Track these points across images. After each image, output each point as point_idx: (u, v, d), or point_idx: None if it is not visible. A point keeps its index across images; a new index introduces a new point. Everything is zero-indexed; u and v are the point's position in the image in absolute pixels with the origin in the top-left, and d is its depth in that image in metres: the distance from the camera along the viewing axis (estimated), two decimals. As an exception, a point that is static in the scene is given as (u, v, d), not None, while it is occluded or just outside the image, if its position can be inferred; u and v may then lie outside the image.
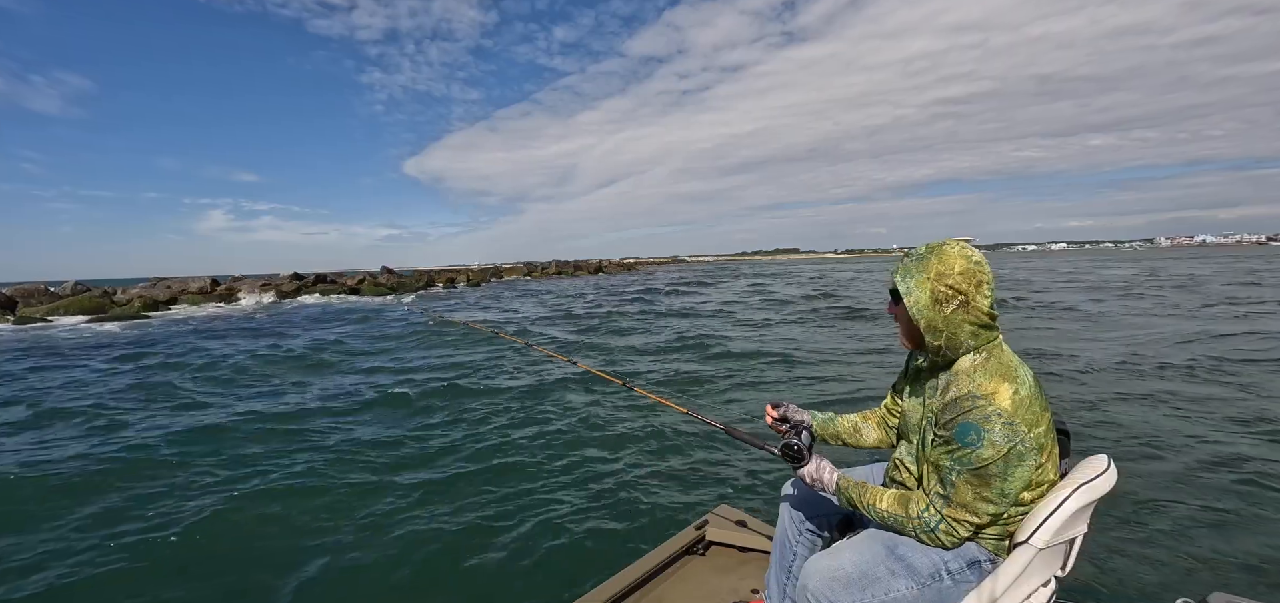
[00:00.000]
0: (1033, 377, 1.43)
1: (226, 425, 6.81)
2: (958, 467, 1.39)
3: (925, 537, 1.47)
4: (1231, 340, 10.48)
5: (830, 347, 11.54)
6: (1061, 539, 1.43)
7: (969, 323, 1.42)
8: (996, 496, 1.38)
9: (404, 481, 4.99)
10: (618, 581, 2.18)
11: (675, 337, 13.28)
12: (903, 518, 1.50)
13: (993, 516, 1.42)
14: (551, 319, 19.23)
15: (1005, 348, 1.47)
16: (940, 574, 1.47)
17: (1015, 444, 1.34)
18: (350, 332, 15.80)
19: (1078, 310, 16.03)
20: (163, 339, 15.28)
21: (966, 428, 1.36)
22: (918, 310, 1.46)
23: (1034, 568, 1.44)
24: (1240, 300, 17.31)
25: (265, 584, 3.47)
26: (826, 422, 1.90)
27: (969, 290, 1.42)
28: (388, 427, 6.69)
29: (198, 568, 3.68)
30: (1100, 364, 8.70)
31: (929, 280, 1.44)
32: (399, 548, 3.86)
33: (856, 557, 1.52)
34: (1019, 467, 1.36)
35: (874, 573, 1.49)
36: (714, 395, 7.99)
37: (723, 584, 2.25)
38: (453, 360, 10.95)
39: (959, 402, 1.40)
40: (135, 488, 4.94)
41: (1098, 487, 1.41)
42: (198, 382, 9.68)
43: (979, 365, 1.43)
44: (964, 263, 1.43)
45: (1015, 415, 1.34)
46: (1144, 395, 6.85)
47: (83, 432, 6.83)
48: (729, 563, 2.39)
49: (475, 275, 53.18)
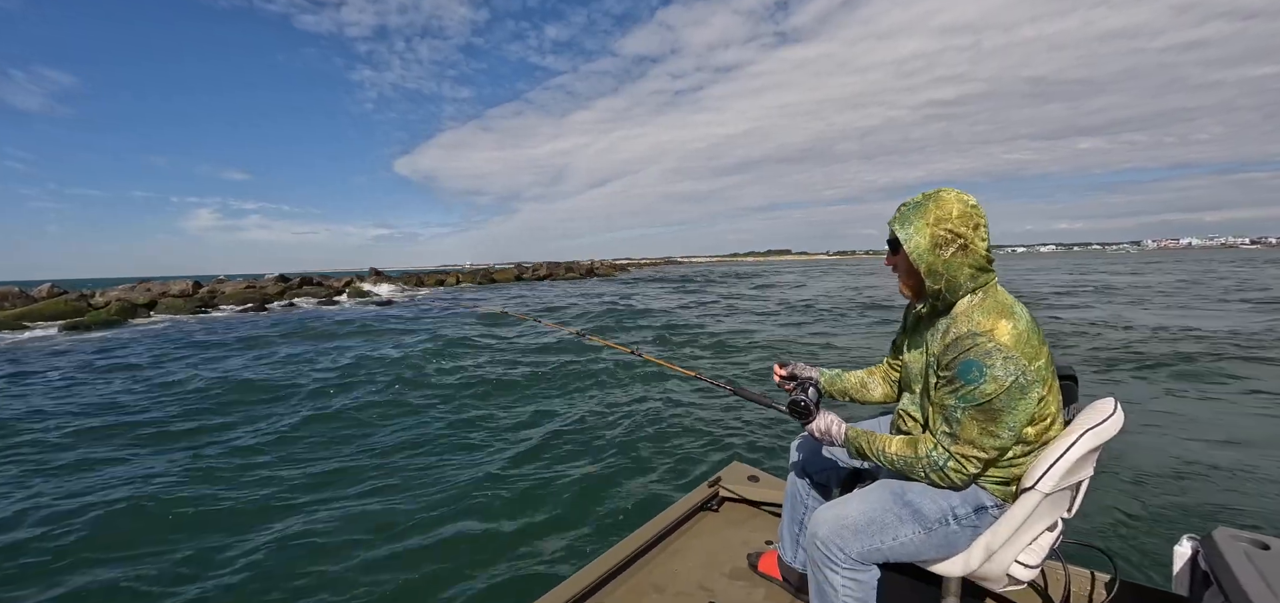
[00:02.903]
0: (1028, 313, 1.47)
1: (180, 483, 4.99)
2: (962, 404, 1.42)
3: (935, 475, 1.50)
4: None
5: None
6: (1068, 484, 1.46)
7: (968, 265, 1.46)
8: (1003, 429, 1.41)
9: (440, 480, 5.04)
10: (636, 538, 2.23)
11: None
12: (912, 459, 1.53)
13: (1000, 449, 1.45)
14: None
15: (1000, 288, 1.51)
16: (948, 519, 1.51)
17: (1017, 377, 1.37)
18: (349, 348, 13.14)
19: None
20: (133, 359, 12.35)
21: (969, 365, 1.40)
22: (918, 255, 1.48)
23: (1041, 512, 1.47)
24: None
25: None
26: (834, 378, 1.93)
27: (967, 233, 1.45)
28: (404, 428, 6.70)
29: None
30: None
31: (928, 226, 1.46)
32: (448, 514, 4.07)
33: (864, 505, 1.56)
34: (1022, 399, 1.39)
35: (882, 520, 1.53)
36: (724, 358, 8.27)
37: (736, 537, 2.31)
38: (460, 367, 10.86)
39: (960, 341, 1.43)
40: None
41: (1105, 430, 1.44)
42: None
43: (976, 306, 1.46)
44: (961, 206, 1.46)
45: (1015, 349, 1.38)
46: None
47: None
48: (742, 517, 2.45)
49: (428, 282, 50.75)
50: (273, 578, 3.38)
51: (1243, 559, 1.65)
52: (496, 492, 4.43)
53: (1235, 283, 25.10)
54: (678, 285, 36.57)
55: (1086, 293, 21.93)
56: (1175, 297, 19.13)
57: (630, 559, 2.15)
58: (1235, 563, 1.64)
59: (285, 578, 3.37)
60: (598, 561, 2.11)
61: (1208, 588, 1.73)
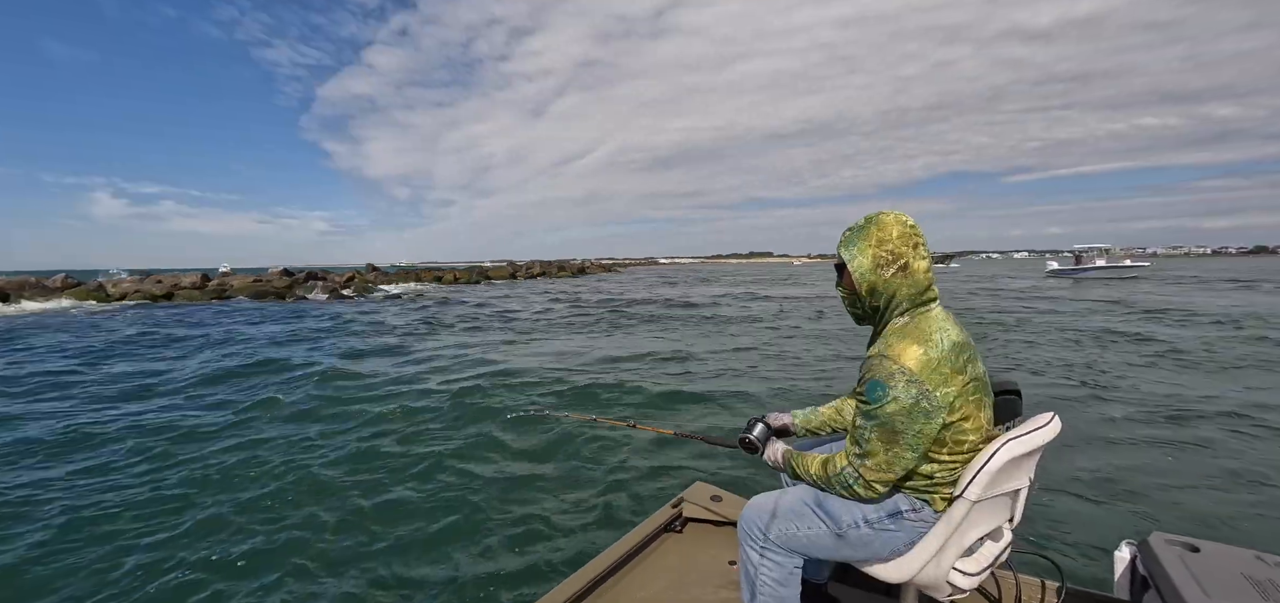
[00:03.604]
0: (954, 342, 1.48)
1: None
2: (867, 423, 1.48)
3: (844, 492, 1.57)
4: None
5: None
6: (998, 492, 1.50)
7: (907, 286, 1.52)
8: (907, 450, 1.46)
9: (365, 498, 4.87)
10: (597, 563, 2.20)
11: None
12: (824, 479, 1.62)
13: (906, 469, 1.50)
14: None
15: (933, 314, 1.53)
16: (858, 524, 1.59)
17: (919, 401, 1.42)
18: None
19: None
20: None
21: (873, 384, 1.46)
22: (861, 275, 1.55)
23: (973, 520, 1.51)
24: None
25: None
26: (809, 415, 1.98)
27: (907, 253, 1.51)
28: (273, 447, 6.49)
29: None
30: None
31: (870, 247, 1.53)
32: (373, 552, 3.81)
33: (788, 499, 1.71)
34: (925, 423, 1.44)
35: (799, 511, 1.67)
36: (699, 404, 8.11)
37: (701, 557, 2.30)
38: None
39: (869, 361, 1.50)
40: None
41: (1029, 440, 1.48)
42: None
43: (898, 329, 1.51)
44: (900, 227, 1.53)
45: (920, 374, 1.42)
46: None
47: None
48: (706, 537, 2.45)
49: (426, 277, 48.69)
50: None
51: (1177, 563, 1.74)
52: (440, 521, 4.23)
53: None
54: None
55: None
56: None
57: (593, 585, 2.11)
58: (1170, 566, 1.73)
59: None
60: (559, 587, 2.07)
61: (1146, 591, 1.81)
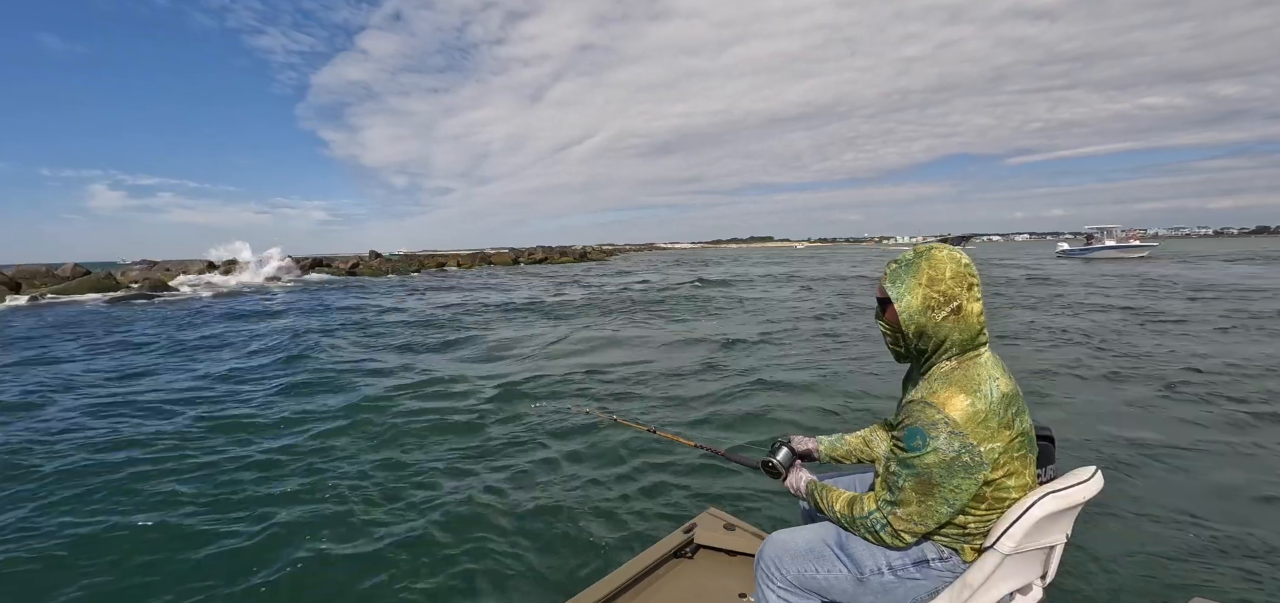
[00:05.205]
0: (1003, 393, 1.37)
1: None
2: (903, 471, 1.40)
3: (870, 537, 1.49)
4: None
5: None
6: (1032, 546, 1.41)
7: (959, 331, 1.41)
8: (942, 504, 1.38)
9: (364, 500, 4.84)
10: (605, 584, 2.16)
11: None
12: (848, 519, 1.54)
13: (938, 524, 1.41)
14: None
15: (983, 360, 1.42)
16: (882, 570, 1.50)
17: (960, 455, 1.33)
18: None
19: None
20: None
21: (913, 432, 1.37)
22: (908, 316, 1.43)
23: (1004, 573, 1.42)
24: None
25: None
26: (835, 443, 1.90)
27: (961, 295, 1.40)
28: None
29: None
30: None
31: (921, 286, 1.42)
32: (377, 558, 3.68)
33: (810, 537, 1.63)
34: (966, 479, 1.34)
35: (820, 552, 1.58)
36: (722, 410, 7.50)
37: (711, 587, 2.23)
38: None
39: (912, 406, 1.40)
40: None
41: (1071, 495, 1.38)
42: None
43: (944, 373, 1.41)
44: (954, 266, 1.41)
45: (965, 427, 1.32)
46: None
47: None
48: (717, 567, 2.37)
49: (429, 264, 47.91)
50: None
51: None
52: (436, 533, 3.90)
53: None
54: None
55: None
56: None
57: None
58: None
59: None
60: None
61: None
